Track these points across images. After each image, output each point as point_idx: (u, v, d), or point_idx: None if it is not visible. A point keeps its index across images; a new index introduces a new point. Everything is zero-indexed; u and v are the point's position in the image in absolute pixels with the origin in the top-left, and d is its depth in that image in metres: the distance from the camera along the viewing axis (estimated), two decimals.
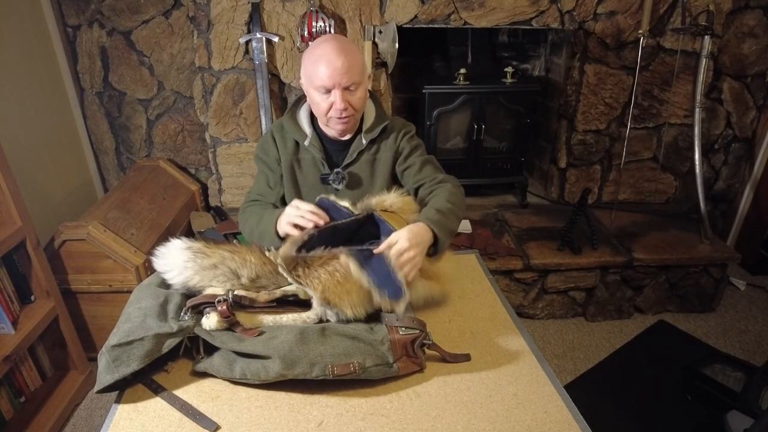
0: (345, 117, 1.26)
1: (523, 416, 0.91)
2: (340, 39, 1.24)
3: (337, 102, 1.22)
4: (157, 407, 0.92)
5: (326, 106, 1.25)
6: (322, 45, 1.22)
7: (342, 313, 1.02)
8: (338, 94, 1.22)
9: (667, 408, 1.94)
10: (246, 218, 1.37)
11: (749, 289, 2.70)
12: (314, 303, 1.03)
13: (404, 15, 2.29)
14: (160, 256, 1.06)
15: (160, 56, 2.52)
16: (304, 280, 1.02)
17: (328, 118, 1.28)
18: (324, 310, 1.03)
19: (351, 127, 1.33)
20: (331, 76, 1.20)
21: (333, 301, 1.00)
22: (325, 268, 1.02)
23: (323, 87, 1.22)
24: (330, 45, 1.21)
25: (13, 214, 1.68)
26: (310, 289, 1.02)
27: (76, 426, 1.86)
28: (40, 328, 1.75)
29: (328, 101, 1.24)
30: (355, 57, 1.23)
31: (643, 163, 2.69)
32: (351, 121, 1.30)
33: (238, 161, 2.57)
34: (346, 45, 1.23)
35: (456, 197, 1.28)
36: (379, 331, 1.00)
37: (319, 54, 1.21)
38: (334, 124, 1.29)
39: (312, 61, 1.22)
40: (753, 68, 2.59)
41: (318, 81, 1.22)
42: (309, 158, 1.39)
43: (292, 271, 1.02)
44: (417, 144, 1.42)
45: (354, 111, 1.27)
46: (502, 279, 2.32)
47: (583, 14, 2.34)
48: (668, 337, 2.34)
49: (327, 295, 1.00)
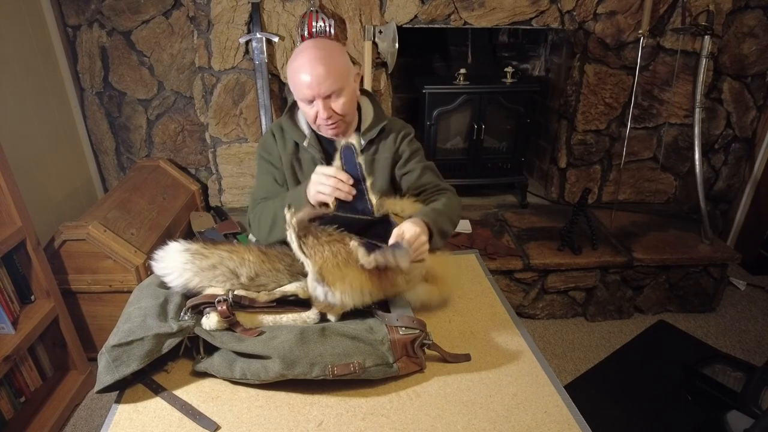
0: (332, 123, 1.27)
1: (523, 416, 0.91)
2: (318, 46, 1.22)
3: (320, 111, 1.23)
4: (157, 407, 0.92)
5: (313, 114, 1.26)
6: (299, 56, 1.21)
7: (332, 294, 1.00)
8: (320, 104, 1.22)
9: (667, 408, 1.94)
10: (260, 213, 1.34)
11: (749, 289, 2.70)
12: (309, 278, 1.02)
13: (404, 15, 2.29)
14: (159, 260, 1.06)
15: (160, 56, 2.52)
16: (307, 250, 1.01)
17: (317, 125, 1.29)
18: (315, 286, 1.01)
19: (344, 130, 1.33)
20: (310, 86, 1.19)
21: (327, 280, 0.99)
22: (330, 247, 1.01)
23: (305, 98, 1.23)
24: (306, 55, 1.20)
25: (13, 214, 1.67)
26: (309, 261, 1.01)
27: (76, 426, 1.86)
28: (40, 328, 1.75)
29: (313, 110, 1.25)
30: (334, 63, 1.20)
31: (643, 163, 2.69)
32: (341, 125, 1.30)
33: (238, 161, 2.57)
34: (323, 52, 1.20)
35: (453, 205, 1.31)
36: (379, 331, 1.00)
37: (297, 66, 1.20)
38: (325, 130, 1.30)
39: (292, 74, 1.23)
40: (753, 68, 2.59)
41: (299, 93, 1.23)
42: (309, 158, 1.39)
43: (300, 237, 1.01)
44: (417, 148, 1.42)
45: (340, 116, 1.27)
46: (502, 279, 2.32)
47: (583, 14, 2.34)
48: (668, 337, 2.34)
49: (323, 272, 0.99)
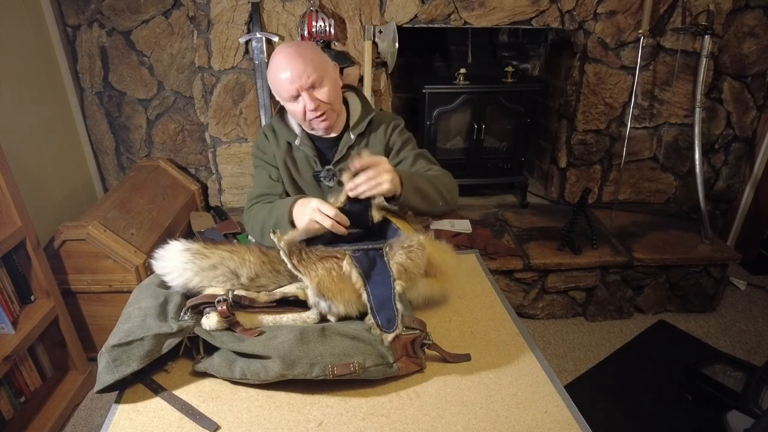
0: (321, 114, 1.28)
1: (523, 416, 0.91)
2: (290, 45, 1.26)
3: (307, 103, 1.24)
4: (157, 407, 0.92)
5: (301, 111, 1.27)
6: (275, 58, 1.25)
7: (335, 306, 1.01)
8: (305, 96, 1.24)
9: (667, 408, 1.94)
10: (254, 214, 1.36)
11: (749, 289, 2.70)
12: (309, 293, 1.03)
13: (404, 15, 2.29)
14: (159, 259, 1.06)
15: (160, 56, 2.52)
16: (301, 269, 1.02)
17: (308, 121, 1.30)
18: (318, 301, 1.02)
19: (334, 123, 1.34)
20: (291, 81, 1.22)
21: (327, 296, 1.01)
22: (323, 264, 1.02)
23: (290, 96, 1.25)
24: (282, 54, 1.23)
25: (13, 214, 1.67)
26: (306, 279, 1.01)
27: (76, 426, 1.86)
28: (40, 328, 1.75)
29: (300, 106, 1.26)
30: (308, 55, 1.24)
31: (643, 163, 2.69)
32: (331, 116, 1.31)
33: (238, 161, 2.57)
34: (296, 48, 1.24)
35: (440, 176, 1.32)
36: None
37: (275, 69, 1.24)
38: (316, 124, 1.31)
39: (272, 77, 1.26)
40: (753, 68, 2.59)
41: (284, 92, 1.25)
42: (302, 156, 1.40)
43: (291, 257, 1.02)
44: (408, 138, 1.42)
45: (328, 105, 1.28)
46: (502, 279, 2.32)
47: (583, 14, 2.34)
48: (668, 337, 2.34)
49: (322, 289, 1.01)
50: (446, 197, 1.30)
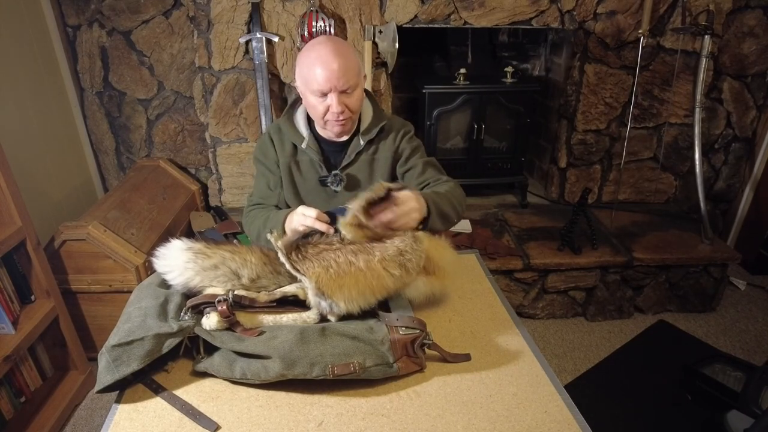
0: (342, 119, 1.26)
1: (523, 416, 0.91)
2: (335, 41, 1.23)
3: (334, 105, 1.21)
4: (157, 407, 0.92)
5: (323, 109, 1.24)
6: (317, 47, 1.20)
7: (336, 305, 1.02)
8: (335, 97, 1.21)
9: (667, 408, 1.94)
10: (251, 221, 1.37)
11: (749, 288, 2.70)
12: (309, 293, 1.04)
13: (404, 15, 2.29)
14: (161, 257, 1.06)
15: (160, 56, 2.53)
16: (299, 267, 1.02)
17: (325, 120, 1.27)
18: (318, 300, 1.03)
19: (348, 129, 1.33)
20: (327, 79, 1.18)
21: (327, 293, 1.01)
22: (319, 261, 1.02)
23: (320, 91, 1.21)
24: (325, 48, 1.19)
25: (13, 214, 1.68)
26: (305, 277, 1.02)
27: (76, 426, 1.86)
28: (40, 328, 1.75)
29: (324, 104, 1.23)
30: (351, 59, 1.21)
31: (643, 163, 2.70)
32: (349, 123, 1.29)
33: (238, 161, 2.57)
34: (341, 47, 1.21)
35: (456, 193, 1.32)
36: (379, 331, 1.00)
37: (315, 57, 1.19)
38: (332, 126, 1.29)
39: (307, 65, 1.21)
40: (753, 68, 2.59)
41: (314, 85, 1.20)
42: (307, 160, 1.38)
43: (289, 256, 1.02)
44: (417, 145, 1.42)
45: (351, 113, 1.26)
46: (502, 279, 2.32)
47: (583, 14, 2.34)
48: (668, 337, 2.34)
49: (321, 286, 1.01)
50: (460, 212, 1.31)
